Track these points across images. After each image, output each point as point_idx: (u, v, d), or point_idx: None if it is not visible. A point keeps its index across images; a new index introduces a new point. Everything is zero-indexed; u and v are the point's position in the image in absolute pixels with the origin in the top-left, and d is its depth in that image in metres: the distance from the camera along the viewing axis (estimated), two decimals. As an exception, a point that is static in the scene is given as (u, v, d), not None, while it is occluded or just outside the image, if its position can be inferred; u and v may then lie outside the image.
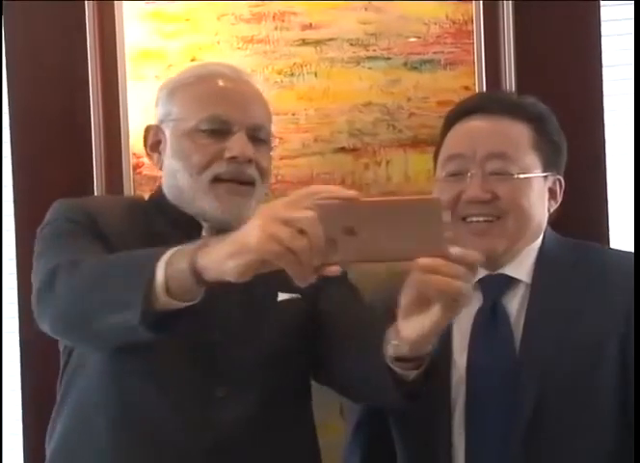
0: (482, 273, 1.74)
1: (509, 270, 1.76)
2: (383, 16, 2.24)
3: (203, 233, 1.70)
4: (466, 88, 2.22)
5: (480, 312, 1.77)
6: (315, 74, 2.26)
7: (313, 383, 1.75)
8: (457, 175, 1.78)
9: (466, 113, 1.83)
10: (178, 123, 1.71)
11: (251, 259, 1.29)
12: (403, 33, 2.24)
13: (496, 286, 1.77)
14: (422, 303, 1.38)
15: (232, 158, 1.67)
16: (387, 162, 2.25)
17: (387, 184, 2.25)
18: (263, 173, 1.72)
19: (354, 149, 2.25)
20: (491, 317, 1.76)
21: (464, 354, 1.75)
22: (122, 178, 2.28)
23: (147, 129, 1.77)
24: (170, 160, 1.71)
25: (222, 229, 1.65)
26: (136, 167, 2.28)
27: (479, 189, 1.74)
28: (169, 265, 1.37)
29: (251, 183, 1.70)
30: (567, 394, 1.66)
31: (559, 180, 1.84)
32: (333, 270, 1.29)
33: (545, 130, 1.81)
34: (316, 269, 1.27)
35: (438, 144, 1.88)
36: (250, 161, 1.69)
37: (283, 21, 2.26)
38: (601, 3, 2.26)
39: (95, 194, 2.27)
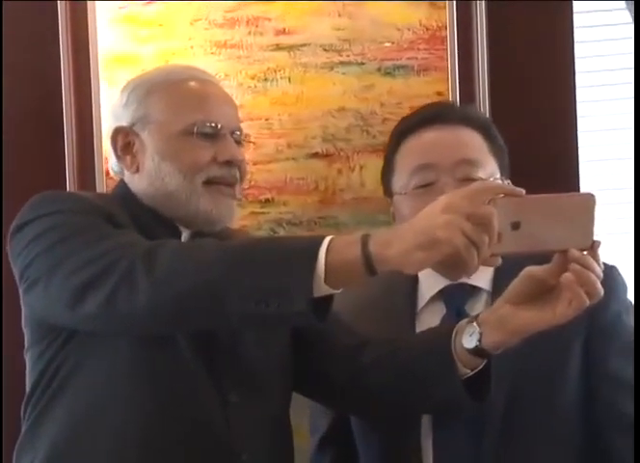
0: (443, 283, 1.75)
1: (471, 280, 1.72)
2: (356, 22, 2.25)
3: (183, 239, 1.69)
4: (440, 93, 2.23)
5: (444, 320, 1.76)
6: (289, 79, 2.26)
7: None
8: (425, 186, 1.76)
9: (421, 124, 1.81)
10: (163, 126, 1.68)
11: (441, 252, 1.33)
12: (376, 38, 2.25)
13: (459, 295, 1.77)
14: (534, 295, 1.50)
15: (226, 162, 1.68)
16: (361, 167, 2.26)
17: (361, 190, 2.26)
18: (242, 174, 1.73)
19: (327, 155, 2.26)
20: None
21: None
22: (95, 183, 2.28)
23: (117, 131, 1.72)
24: (156, 163, 1.68)
25: (200, 233, 1.68)
26: (108, 171, 2.26)
27: None
28: (330, 254, 1.37)
29: (234, 184, 1.72)
30: (535, 396, 1.67)
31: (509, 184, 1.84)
32: (494, 262, 1.39)
33: (493, 136, 1.82)
34: (482, 260, 1.35)
35: (387, 160, 1.85)
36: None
37: (257, 26, 2.26)
38: (575, 10, 2.27)
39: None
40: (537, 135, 1.89)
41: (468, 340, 1.56)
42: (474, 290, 1.76)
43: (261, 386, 1.65)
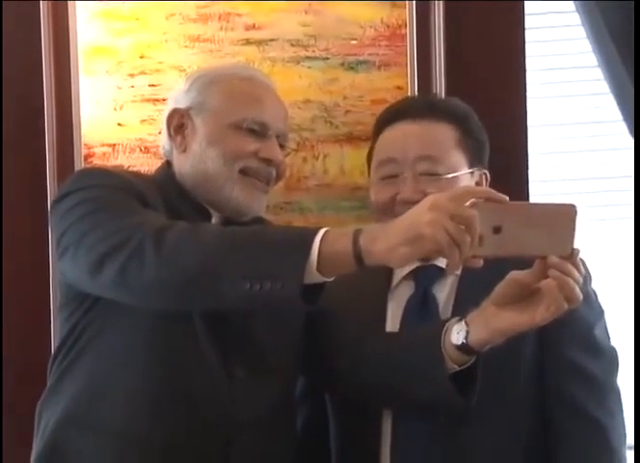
0: (415, 264, 1.81)
1: (440, 262, 1.80)
2: (322, 19, 2.32)
3: (212, 222, 1.79)
4: (399, 88, 2.31)
5: (411, 298, 1.85)
6: (257, 73, 2.34)
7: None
8: (391, 177, 1.87)
9: (395, 117, 1.92)
10: (216, 115, 1.79)
11: (425, 248, 1.40)
12: (341, 35, 2.32)
13: (428, 276, 1.85)
14: (518, 298, 1.55)
15: (266, 159, 1.79)
16: (325, 156, 2.33)
17: (324, 177, 2.33)
18: (280, 174, 1.84)
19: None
20: (421, 304, 1.84)
21: None
22: (74, 168, 2.33)
23: (173, 112, 1.82)
24: (202, 147, 1.78)
25: (230, 220, 1.77)
26: (87, 157, 2.34)
27: (412, 191, 1.84)
28: (323, 244, 1.45)
29: (269, 181, 1.82)
30: (489, 380, 1.70)
31: (484, 174, 1.93)
32: (475, 263, 1.44)
33: (468, 129, 1.91)
34: (464, 260, 1.41)
35: (370, 147, 1.97)
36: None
37: (228, 22, 2.33)
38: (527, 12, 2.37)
39: (48, 182, 2.34)
40: (489, 126, 1.98)
41: (456, 336, 1.62)
42: (443, 273, 1.83)
43: (269, 365, 1.74)
